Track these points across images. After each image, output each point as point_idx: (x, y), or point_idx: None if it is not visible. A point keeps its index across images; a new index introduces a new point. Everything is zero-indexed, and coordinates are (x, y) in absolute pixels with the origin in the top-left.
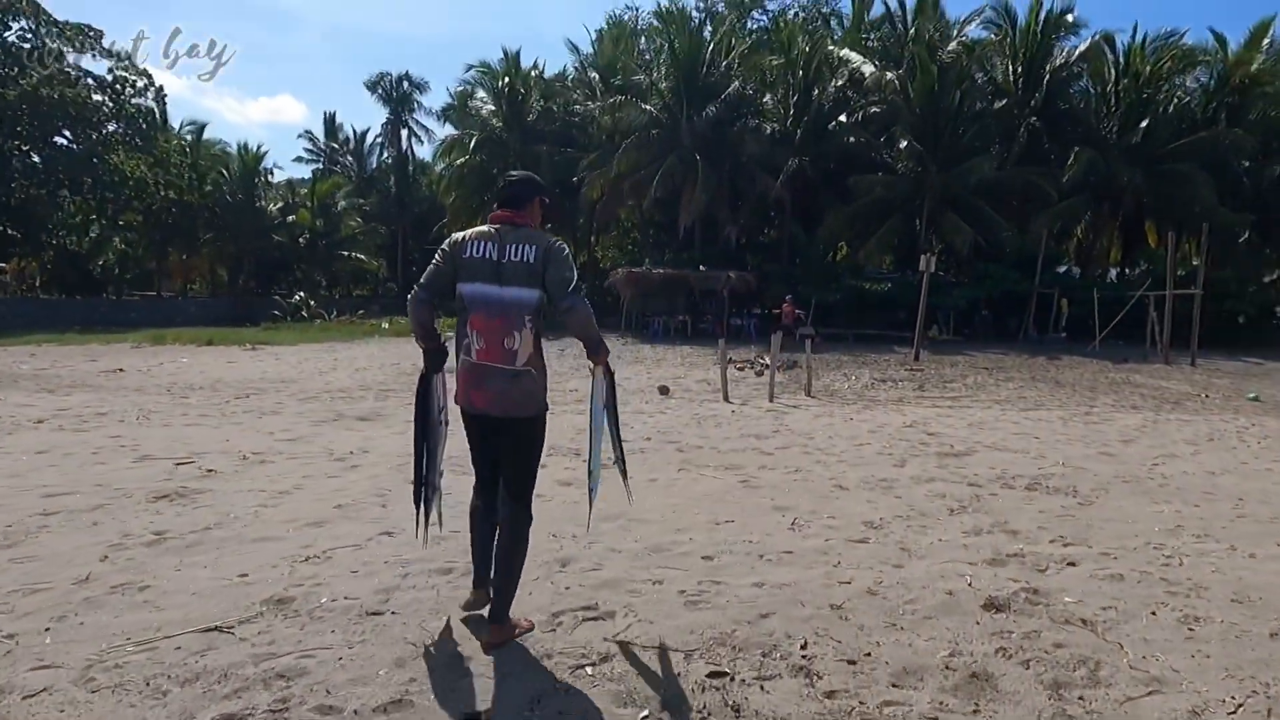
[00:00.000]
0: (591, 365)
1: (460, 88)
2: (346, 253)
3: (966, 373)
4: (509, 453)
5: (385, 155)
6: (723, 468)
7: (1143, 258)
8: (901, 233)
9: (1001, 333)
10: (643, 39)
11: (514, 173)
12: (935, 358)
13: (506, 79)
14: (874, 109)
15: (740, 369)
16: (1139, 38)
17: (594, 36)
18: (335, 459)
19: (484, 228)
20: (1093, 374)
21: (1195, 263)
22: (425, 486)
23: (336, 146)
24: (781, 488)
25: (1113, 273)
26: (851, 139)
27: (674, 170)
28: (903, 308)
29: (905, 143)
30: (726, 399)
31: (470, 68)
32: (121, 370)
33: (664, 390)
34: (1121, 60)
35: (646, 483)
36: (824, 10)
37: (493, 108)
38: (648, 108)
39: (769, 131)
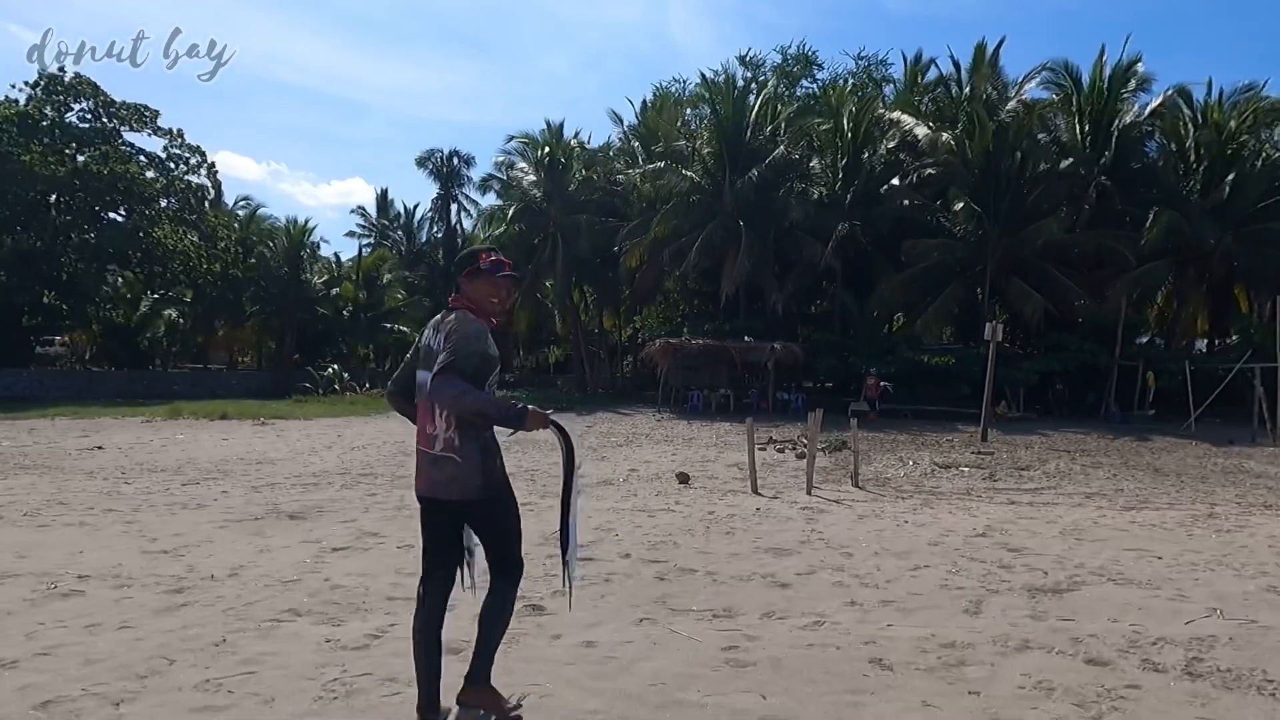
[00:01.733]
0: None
1: (501, 158)
2: (390, 325)
3: (1045, 456)
4: (479, 533)
5: (435, 229)
6: (709, 615)
7: (1236, 326)
8: (962, 301)
9: (1079, 410)
10: (688, 109)
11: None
12: (1005, 438)
13: (547, 149)
14: (929, 171)
15: (780, 450)
16: (1216, 92)
17: (638, 107)
18: (171, 591)
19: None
20: (1197, 459)
21: None
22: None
23: (388, 222)
24: (785, 665)
25: (1199, 343)
26: (905, 201)
27: (715, 236)
28: (966, 382)
29: (962, 204)
30: (755, 490)
31: (511, 138)
32: (100, 448)
33: (683, 478)
34: (1199, 115)
35: (579, 648)
36: (876, 76)
37: (533, 177)
38: (689, 174)
39: (816, 196)
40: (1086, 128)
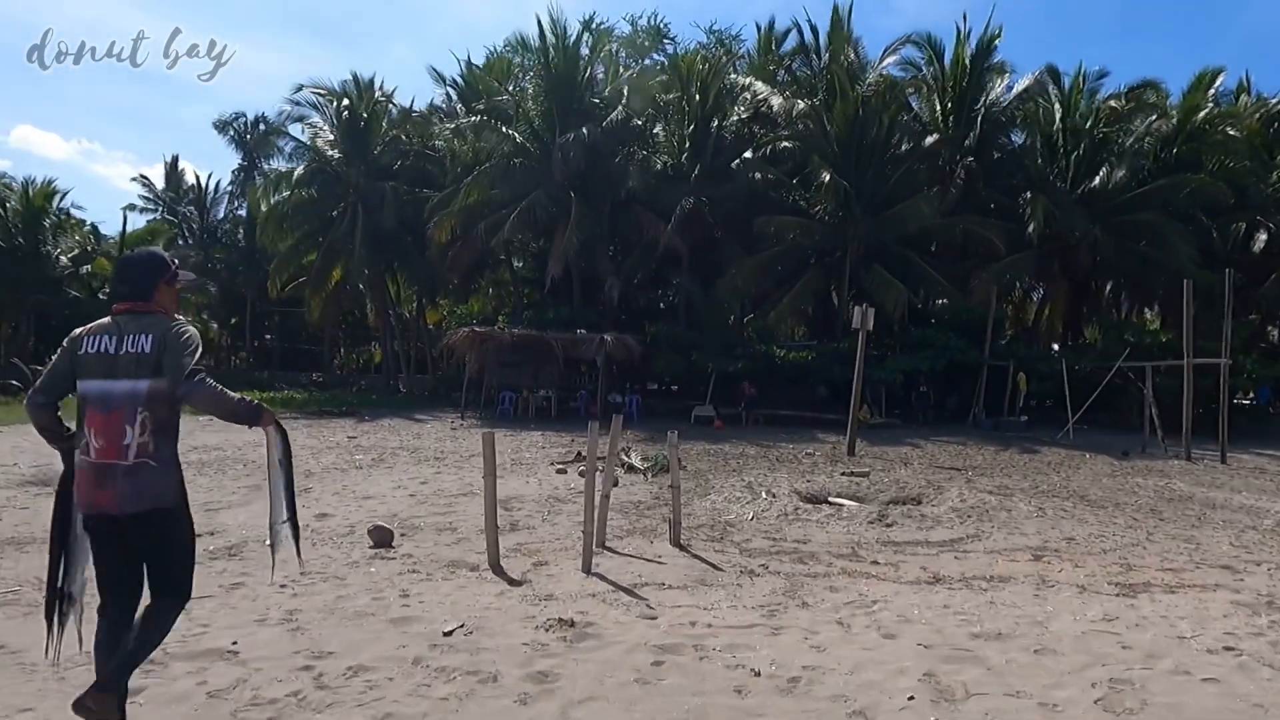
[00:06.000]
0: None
1: (289, 108)
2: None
3: (934, 479)
4: (149, 553)
5: (237, 205)
6: None
7: (1104, 325)
8: (818, 291)
9: (942, 415)
10: (520, 72)
11: (133, 254)
12: (875, 450)
13: (346, 101)
14: (784, 144)
15: (585, 475)
16: (1081, 76)
17: (462, 67)
18: None
19: (104, 320)
20: (1112, 479)
21: (1154, 327)
22: (61, 598)
23: (175, 195)
24: None
25: (1055, 344)
26: (758, 175)
27: (539, 206)
28: (824, 382)
29: (827, 176)
30: (494, 566)
31: (302, 87)
32: None
33: (380, 539)
34: (1068, 99)
35: None
36: (732, 49)
37: (331, 136)
38: (512, 133)
39: (660, 167)
40: (950, 105)
